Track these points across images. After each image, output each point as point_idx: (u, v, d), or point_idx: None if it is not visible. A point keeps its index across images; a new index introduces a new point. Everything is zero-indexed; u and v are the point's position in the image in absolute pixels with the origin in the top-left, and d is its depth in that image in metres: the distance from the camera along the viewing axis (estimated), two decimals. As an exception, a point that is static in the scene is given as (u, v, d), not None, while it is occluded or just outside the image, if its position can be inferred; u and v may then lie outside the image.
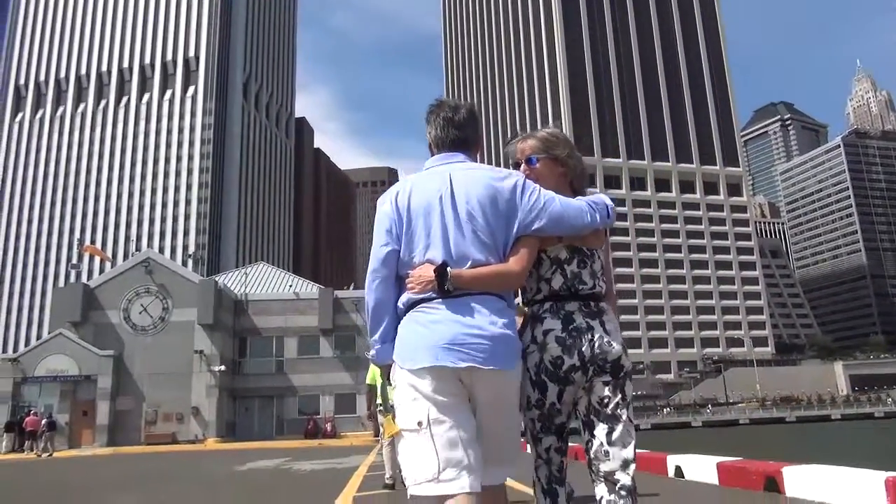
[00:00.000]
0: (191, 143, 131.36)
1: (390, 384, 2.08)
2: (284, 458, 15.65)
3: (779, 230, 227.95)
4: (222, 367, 33.23)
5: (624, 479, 1.96)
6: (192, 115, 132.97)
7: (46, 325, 73.73)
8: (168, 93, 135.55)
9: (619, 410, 2.00)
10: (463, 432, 1.86)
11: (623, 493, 1.95)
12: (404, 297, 2.00)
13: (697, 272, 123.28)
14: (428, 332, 1.91)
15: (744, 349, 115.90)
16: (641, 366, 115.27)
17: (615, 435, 1.98)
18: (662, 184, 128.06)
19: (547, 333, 2.03)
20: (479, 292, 1.95)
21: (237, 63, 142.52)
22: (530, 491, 2.20)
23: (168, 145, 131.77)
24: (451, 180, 2.06)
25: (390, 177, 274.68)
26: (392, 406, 1.86)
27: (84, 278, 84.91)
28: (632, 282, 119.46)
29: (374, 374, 7.43)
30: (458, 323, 1.90)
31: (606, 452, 1.98)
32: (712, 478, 6.52)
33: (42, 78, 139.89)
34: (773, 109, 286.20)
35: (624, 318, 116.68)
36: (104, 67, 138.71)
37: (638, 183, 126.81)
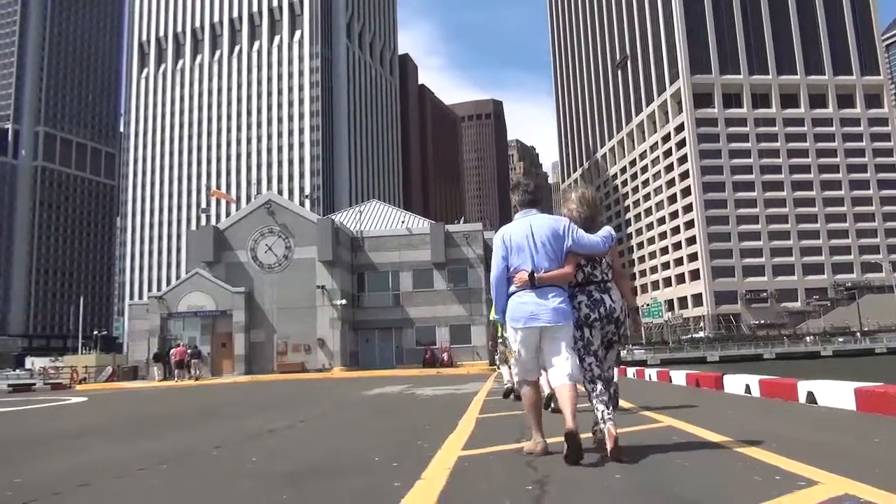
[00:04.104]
0: (300, 88, 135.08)
1: (505, 330, 4.13)
2: (406, 385, 16.44)
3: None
4: (343, 301, 34.93)
5: (607, 374, 3.94)
6: (300, 59, 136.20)
7: (184, 265, 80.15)
8: (276, 39, 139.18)
9: (614, 343, 4.01)
10: (532, 356, 3.85)
11: (610, 383, 3.93)
12: (512, 288, 3.86)
13: (829, 193, 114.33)
14: (521, 309, 3.79)
15: (882, 274, 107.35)
16: (765, 294, 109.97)
17: (610, 354, 4.01)
18: (789, 99, 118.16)
19: (580, 303, 3.91)
20: (550, 285, 3.78)
21: (339, 3, 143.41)
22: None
23: (280, 91, 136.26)
24: (531, 226, 3.89)
25: (495, 108, 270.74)
26: (506, 340, 4.39)
27: (213, 221, 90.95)
28: (754, 206, 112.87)
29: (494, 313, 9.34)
30: (536, 303, 3.76)
31: (601, 362, 3.94)
32: (849, 404, 6.23)
33: (161, 34, 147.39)
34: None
35: (745, 244, 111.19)
36: (216, 18, 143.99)
37: (761, 100, 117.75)
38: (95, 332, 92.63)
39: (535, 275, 3.74)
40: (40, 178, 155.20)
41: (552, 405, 7.93)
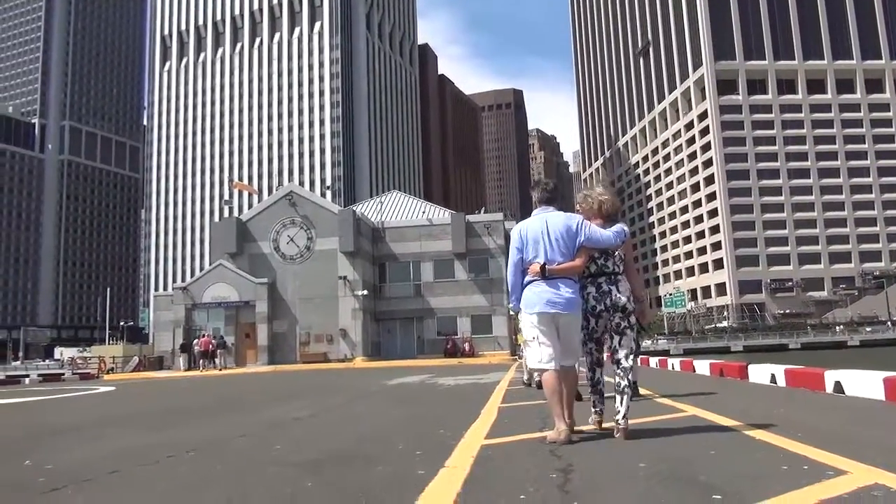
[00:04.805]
0: (321, 79, 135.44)
1: (519, 319, 4.50)
2: (428, 375, 16.50)
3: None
4: (365, 292, 35.09)
5: (625, 362, 4.17)
6: (320, 51, 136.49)
7: (207, 256, 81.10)
8: (296, 31, 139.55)
9: (626, 330, 4.21)
10: (550, 341, 4.03)
11: (623, 370, 4.16)
12: (527, 279, 4.13)
13: (857, 180, 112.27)
14: (536, 296, 4.05)
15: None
16: (790, 283, 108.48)
17: (623, 341, 4.20)
18: (815, 85, 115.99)
19: (588, 294, 4.22)
20: (561, 277, 4.05)
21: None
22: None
23: (300, 83, 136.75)
24: (546, 222, 4.17)
25: (516, 98, 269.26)
26: (520, 328, 4.75)
27: (236, 213, 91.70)
28: (779, 194, 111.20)
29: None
30: (550, 292, 4.02)
31: (616, 350, 4.20)
32: (878, 393, 6.14)
33: (183, 27, 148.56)
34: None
35: (770, 233, 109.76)
36: (237, 11, 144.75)
37: (787, 86, 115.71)
38: (122, 323, 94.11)
39: (547, 266, 4.03)
40: (66, 172, 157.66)
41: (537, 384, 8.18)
